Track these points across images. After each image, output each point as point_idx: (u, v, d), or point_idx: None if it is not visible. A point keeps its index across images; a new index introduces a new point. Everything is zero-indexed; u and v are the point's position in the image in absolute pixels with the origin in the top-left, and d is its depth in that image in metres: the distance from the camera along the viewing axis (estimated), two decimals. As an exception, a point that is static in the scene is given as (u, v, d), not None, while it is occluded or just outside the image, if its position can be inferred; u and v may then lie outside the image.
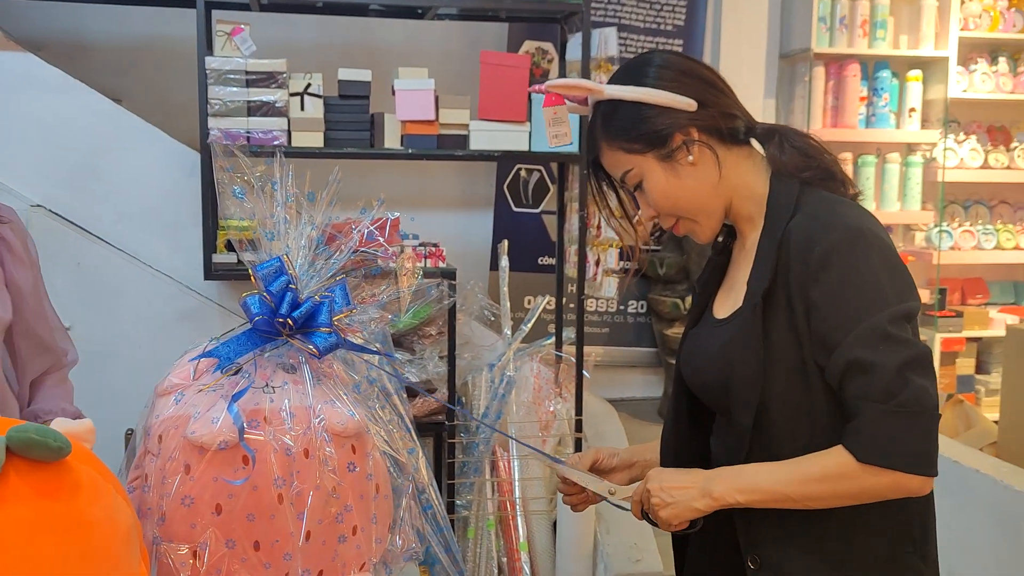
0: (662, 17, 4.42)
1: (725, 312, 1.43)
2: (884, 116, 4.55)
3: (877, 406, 1.18)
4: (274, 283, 1.27)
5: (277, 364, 1.28)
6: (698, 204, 1.38)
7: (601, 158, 1.43)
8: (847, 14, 4.44)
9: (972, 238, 4.80)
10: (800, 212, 1.32)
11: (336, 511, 1.23)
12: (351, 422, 1.25)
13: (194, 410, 1.21)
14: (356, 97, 2.98)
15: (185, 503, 1.17)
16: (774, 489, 1.24)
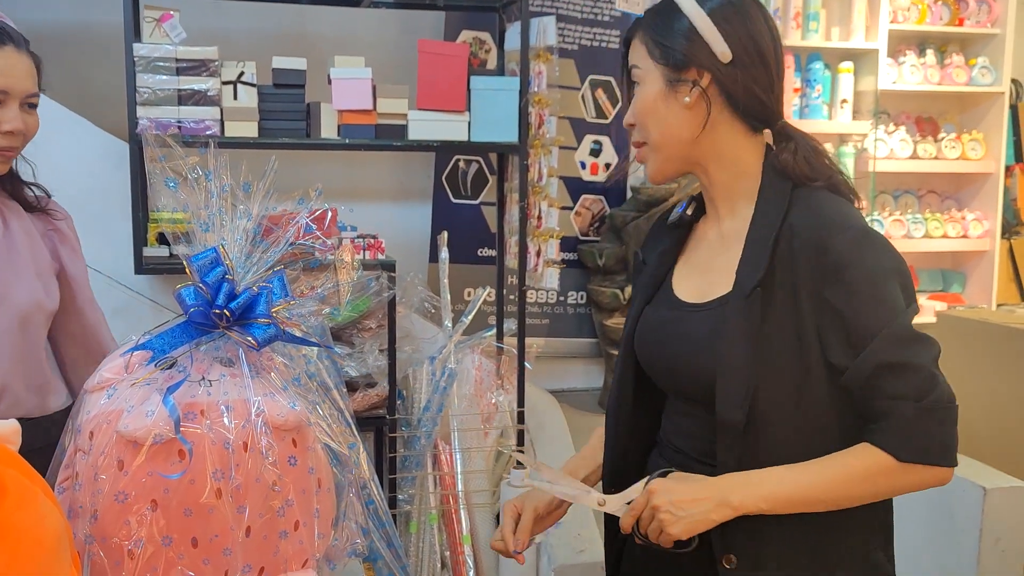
0: (599, 8, 4.42)
1: (696, 296, 1.40)
2: (817, 107, 4.62)
3: (913, 404, 1.21)
4: (210, 274, 1.24)
5: (214, 357, 1.24)
6: (665, 139, 1.36)
7: (632, 41, 1.42)
8: (780, 7, 4.50)
9: (902, 227, 4.91)
10: (798, 206, 1.31)
11: (277, 505, 1.20)
12: (291, 414, 1.22)
13: (127, 404, 1.18)
14: (291, 86, 2.92)
15: (119, 499, 1.13)
16: (806, 494, 1.23)
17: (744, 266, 1.31)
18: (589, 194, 4.56)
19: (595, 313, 4.50)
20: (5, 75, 1.55)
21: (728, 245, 1.38)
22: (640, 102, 1.37)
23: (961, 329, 3.56)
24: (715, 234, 1.43)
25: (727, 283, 1.34)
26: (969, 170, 4.95)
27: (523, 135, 3.01)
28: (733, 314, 1.29)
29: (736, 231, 1.37)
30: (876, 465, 1.22)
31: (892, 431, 1.22)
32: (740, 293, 1.29)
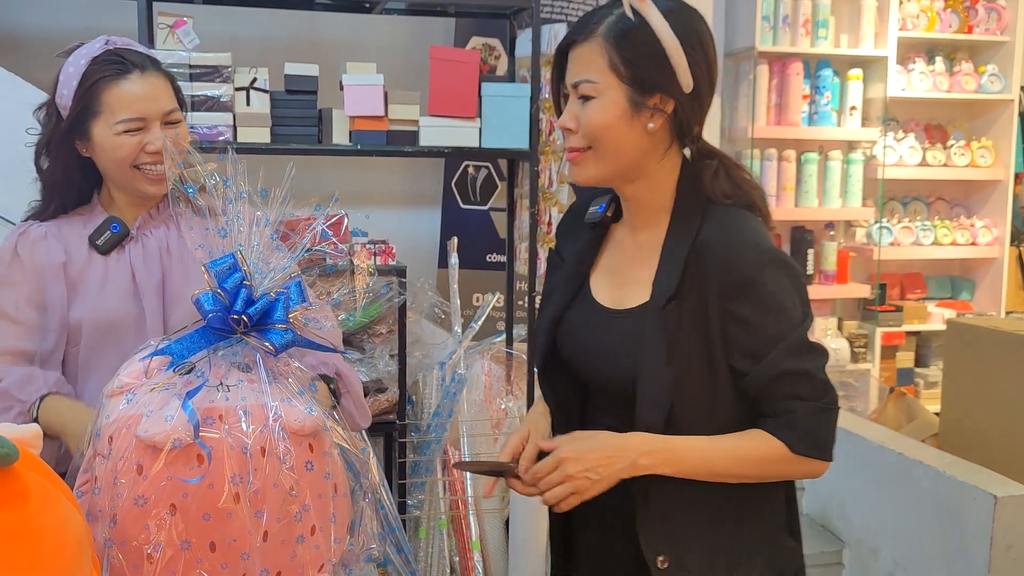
0: (608, 14, 4.43)
1: (615, 302, 1.46)
2: (826, 114, 4.62)
3: (810, 404, 1.34)
4: (228, 280, 1.25)
5: (231, 363, 1.25)
6: (616, 156, 1.38)
7: (577, 47, 1.36)
8: (790, 13, 4.50)
9: (911, 234, 4.90)
10: (711, 224, 1.38)
11: (295, 510, 1.21)
12: (308, 419, 1.23)
13: (146, 409, 1.18)
14: (303, 92, 2.93)
15: (138, 504, 1.14)
16: (708, 467, 1.35)
17: (660, 279, 1.39)
18: (598, 200, 4.55)
19: (603, 319, 4.50)
20: (136, 103, 1.58)
21: (645, 255, 1.44)
22: (599, 117, 1.35)
23: (970, 337, 3.56)
24: (632, 242, 1.48)
25: (644, 293, 1.41)
26: (978, 177, 4.95)
27: (534, 142, 3.02)
28: (652, 324, 1.37)
29: (652, 242, 1.43)
30: (773, 453, 1.34)
31: (790, 426, 1.34)
32: (656, 304, 1.37)
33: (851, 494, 3.38)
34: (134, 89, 1.58)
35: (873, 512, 3.26)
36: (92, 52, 1.62)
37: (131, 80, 1.59)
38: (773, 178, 4.58)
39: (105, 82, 1.58)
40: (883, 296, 4.87)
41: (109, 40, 1.64)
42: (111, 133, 1.57)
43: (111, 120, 1.57)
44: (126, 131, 1.57)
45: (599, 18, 1.35)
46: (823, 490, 3.54)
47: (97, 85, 1.58)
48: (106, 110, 1.58)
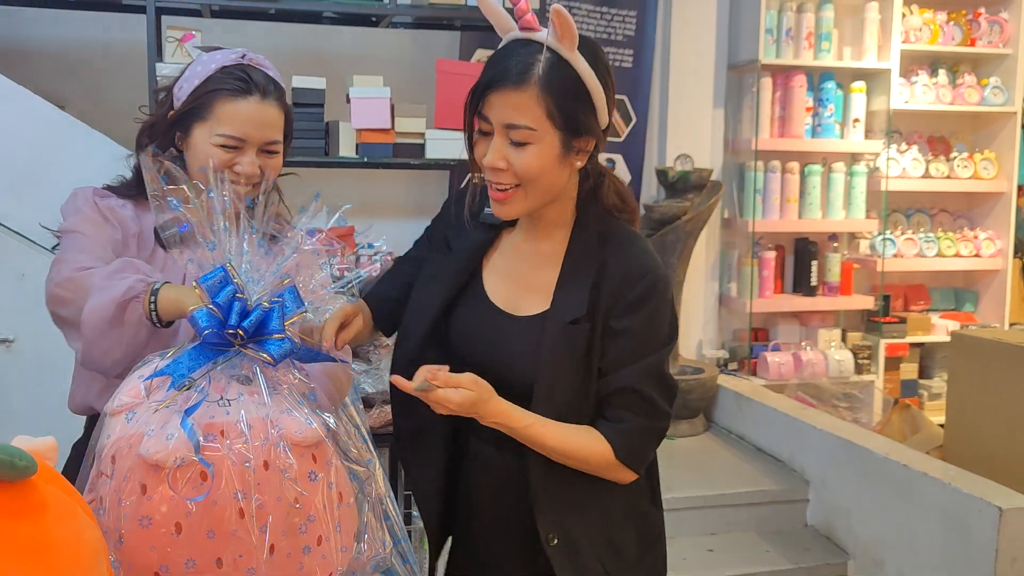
0: (613, 27, 4.46)
1: (511, 306, 1.51)
2: (829, 126, 4.64)
3: (643, 422, 1.45)
4: (220, 294, 1.23)
5: (231, 375, 1.23)
6: (546, 192, 1.44)
7: (509, 91, 1.37)
8: (793, 26, 4.52)
9: (914, 246, 4.91)
10: (612, 245, 1.48)
11: (299, 522, 1.20)
12: (310, 431, 1.22)
13: (147, 428, 1.16)
14: (310, 105, 2.95)
15: (143, 524, 1.13)
16: (543, 446, 1.43)
17: (564, 294, 1.47)
18: (602, 212, 4.57)
19: (608, 330, 4.50)
20: (242, 124, 1.58)
21: (544, 264, 1.51)
22: (536, 162, 1.39)
23: (974, 348, 3.57)
24: (530, 250, 1.54)
25: (542, 302, 1.49)
26: (981, 189, 4.96)
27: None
28: (555, 336, 1.45)
29: (553, 253, 1.51)
30: (598, 451, 1.44)
31: (621, 434, 1.45)
32: (560, 318, 1.46)
33: (856, 506, 3.38)
34: (247, 110, 1.59)
35: (878, 524, 3.26)
36: (225, 60, 1.63)
37: (248, 101, 1.59)
38: (777, 190, 4.59)
39: (223, 94, 1.59)
40: (887, 308, 4.88)
41: (247, 55, 1.66)
42: (208, 141, 1.58)
43: (213, 130, 1.58)
44: (223, 145, 1.58)
45: (528, 64, 1.36)
46: (828, 502, 3.55)
47: (215, 94, 1.59)
48: (212, 119, 1.59)
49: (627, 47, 4.50)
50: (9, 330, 2.87)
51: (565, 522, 1.48)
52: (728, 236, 4.74)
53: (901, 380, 4.90)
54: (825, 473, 3.58)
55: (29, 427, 1.54)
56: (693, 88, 4.57)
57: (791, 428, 3.80)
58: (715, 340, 4.77)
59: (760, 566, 3.31)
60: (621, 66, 4.50)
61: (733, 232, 4.70)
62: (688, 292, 4.50)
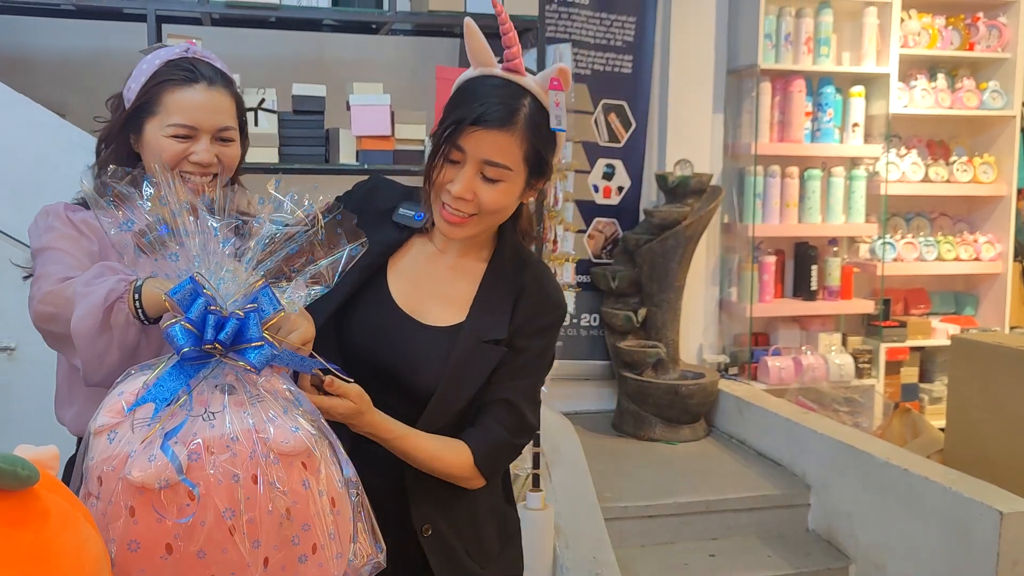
0: (612, 33, 4.47)
1: (417, 312, 1.54)
2: (828, 131, 4.64)
3: (507, 436, 1.53)
4: (192, 307, 1.18)
5: (214, 386, 1.18)
6: (495, 223, 1.53)
7: (497, 130, 1.42)
8: (792, 31, 4.53)
9: (914, 250, 4.92)
10: (528, 273, 1.56)
11: (292, 533, 1.17)
12: (296, 439, 1.18)
13: (130, 448, 1.12)
14: (310, 112, 2.96)
15: (132, 548, 1.09)
16: (415, 457, 1.49)
17: (482, 311, 1.53)
18: (602, 217, 4.59)
19: (608, 335, 4.52)
20: (192, 111, 1.58)
21: (460, 278, 1.56)
22: (503, 200, 1.46)
23: (974, 352, 3.57)
24: (447, 262, 1.58)
25: (456, 314, 1.54)
26: (981, 193, 4.97)
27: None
28: (468, 350, 1.50)
29: (470, 269, 1.57)
30: (459, 463, 1.51)
31: (486, 443, 1.52)
32: (475, 333, 1.51)
33: (857, 510, 3.38)
34: (195, 98, 1.59)
35: (879, 528, 3.26)
36: (170, 55, 1.63)
37: (195, 90, 1.60)
38: (776, 195, 4.60)
39: (170, 85, 1.59)
40: (887, 312, 4.88)
41: (190, 48, 1.66)
42: (160, 134, 1.58)
43: (164, 122, 1.58)
44: (174, 135, 1.57)
45: (515, 107, 1.42)
46: (829, 506, 3.55)
47: (162, 86, 1.59)
48: (162, 111, 1.58)
49: (626, 53, 4.51)
50: (11, 338, 2.88)
51: (436, 516, 1.55)
52: (728, 241, 4.74)
53: (902, 384, 4.90)
54: (826, 478, 3.58)
55: (31, 436, 1.53)
56: (692, 93, 4.58)
57: (792, 432, 3.80)
58: (716, 345, 4.77)
59: (761, 571, 3.32)
60: (620, 72, 4.52)
61: (733, 237, 4.71)
62: (688, 297, 4.50)
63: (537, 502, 2.96)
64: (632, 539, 3.45)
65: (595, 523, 3.16)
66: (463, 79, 1.50)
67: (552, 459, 3.38)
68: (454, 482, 1.54)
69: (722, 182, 4.63)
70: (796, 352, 4.66)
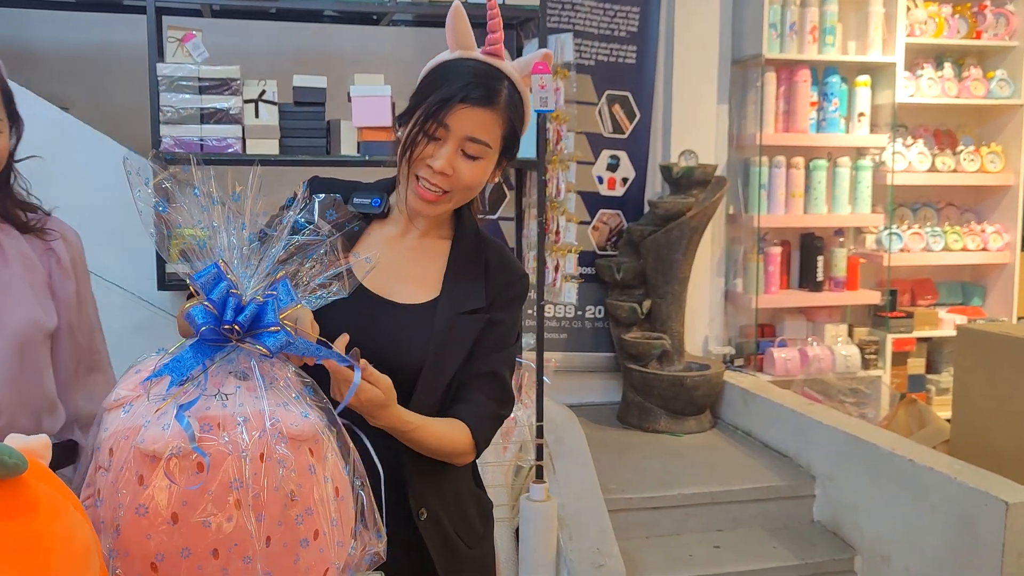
0: (616, 23, 4.45)
1: (388, 294, 1.57)
2: (834, 121, 4.62)
3: (494, 407, 1.59)
4: (214, 290, 1.24)
5: (228, 371, 1.24)
6: (464, 200, 1.57)
7: (481, 109, 1.47)
8: (797, 20, 4.51)
9: (921, 240, 4.89)
10: (490, 245, 1.63)
11: (295, 513, 1.20)
12: (306, 424, 1.22)
13: (144, 420, 1.18)
14: (311, 104, 2.95)
15: (139, 512, 1.13)
16: (427, 445, 1.52)
17: (455, 285, 1.58)
18: (607, 209, 4.58)
19: (613, 327, 4.51)
20: None
21: (424, 256, 1.61)
22: (479, 177, 1.52)
23: (981, 342, 3.55)
24: (410, 244, 1.62)
25: (429, 291, 1.58)
26: (988, 183, 4.94)
27: (541, 151, 3.03)
28: (448, 324, 1.55)
29: (431, 247, 1.61)
30: (460, 440, 1.55)
31: (479, 419, 1.57)
32: (452, 307, 1.56)
33: (862, 501, 3.37)
34: None
35: (884, 519, 3.25)
36: None
37: None
38: (782, 185, 4.58)
39: None
40: (893, 302, 4.86)
41: None
42: None
43: None
44: None
45: (496, 88, 1.49)
46: (835, 497, 3.53)
47: None
48: None
49: (630, 43, 4.49)
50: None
51: (430, 499, 1.59)
52: (733, 232, 4.73)
53: (908, 375, 4.88)
54: (831, 469, 3.56)
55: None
56: (697, 84, 4.56)
57: (797, 424, 3.79)
58: (721, 336, 4.76)
59: (767, 562, 3.31)
60: (624, 62, 4.50)
61: (738, 228, 4.69)
62: (693, 288, 4.49)
63: (540, 494, 2.95)
64: (637, 531, 3.44)
65: (599, 515, 3.16)
66: (439, 60, 1.55)
67: (556, 451, 3.37)
68: (449, 461, 1.58)
69: (727, 173, 4.61)
70: (802, 343, 4.64)
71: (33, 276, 1.60)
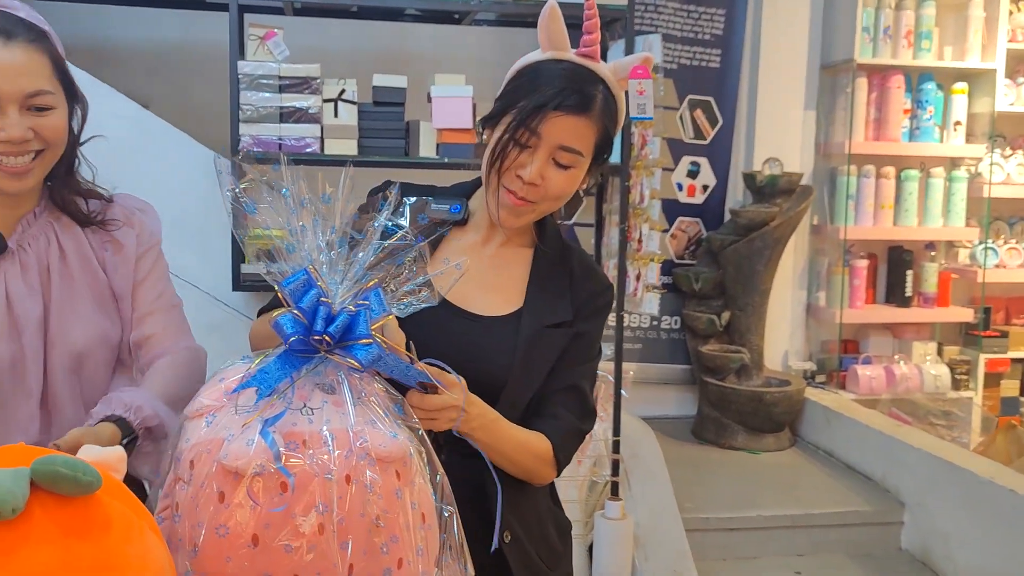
0: (700, 26, 4.33)
1: (469, 305, 1.48)
2: (928, 129, 4.42)
3: (576, 422, 1.50)
4: (304, 298, 1.17)
5: (315, 383, 1.18)
6: (552, 210, 1.49)
7: (577, 116, 1.38)
8: (891, 24, 4.33)
9: (1018, 256, 4.67)
10: (573, 254, 1.56)
11: (381, 541, 1.13)
12: (395, 445, 1.15)
13: (227, 432, 1.12)
14: (391, 104, 2.90)
15: (219, 533, 1.07)
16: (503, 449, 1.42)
17: (539, 296, 1.50)
18: (685, 216, 4.45)
19: (690, 339, 4.38)
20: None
21: (505, 265, 1.53)
22: (569, 187, 1.44)
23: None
24: (491, 252, 1.53)
25: (510, 302, 1.50)
26: (1092, 197, 4.69)
27: (625, 156, 2.93)
28: (532, 336, 1.47)
29: (513, 256, 1.53)
30: (542, 447, 1.47)
31: (560, 433, 1.48)
32: (537, 318, 1.48)
33: (956, 531, 3.20)
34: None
35: (980, 551, 3.08)
36: None
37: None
38: (870, 195, 4.40)
39: None
40: (987, 321, 4.64)
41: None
42: None
43: None
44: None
45: (591, 93, 1.40)
46: (925, 525, 3.36)
47: None
48: None
49: (714, 47, 4.36)
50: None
51: (512, 520, 1.51)
52: (817, 243, 4.56)
53: (1001, 397, 4.66)
54: (922, 495, 3.39)
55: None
56: (783, 89, 4.41)
57: (885, 446, 3.62)
58: (802, 351, 4.59)
59: (851, 592, 3.16)
60: (708, 66, 4.37)
61: (823, 239, 4.52)
62: (774, 301, 4.34)
63: (616, 512, 2.84)
64: (713, 552, 3.31)
65: (676, 535, 3.04)
66: (530, 61, 1.45)
67: (631, 466, 3.27)
68: (527, 477, 1.50)
69: (813, 182, 4.45)
70: (888, 361, 4.45)
71: (97, 284, 1.50)
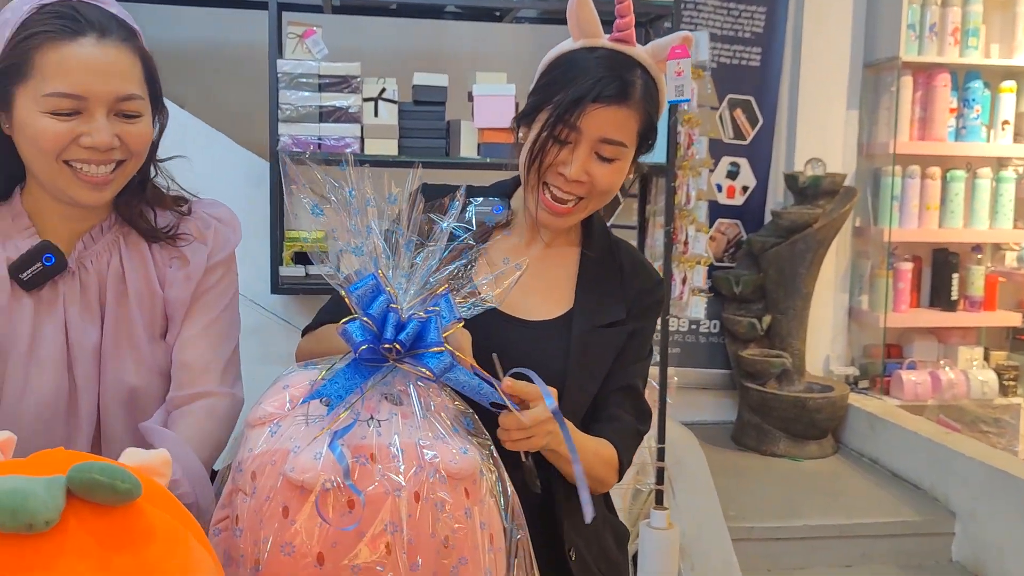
0: (740, 24, 4.24)
1: (520, 310, 1.42)
2: (975, 129, 4.32)
3: (634, 424, 1.47)
4: (373, 305, 1.11)
5: (383, 394, 1.12)
6: (599, 206, 1.43)
7: (617, 107, 1.31)
8: (937, 21, 4.23)
9: (1067, 259, 4.54)
10: (621, 249, 1.51)
11: (450, 564, 1.06)
12: (465, 461, 1.09)
13: (292, 444, 1.06)
14: (432, 103, 2.84)
15: (284, 551, 1.02)
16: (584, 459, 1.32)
17: (589, 296, 1.44)
18: (725, 218, 4.36)
19: (730, 343, 4.29)
20: (78, 74, 1.18)
21: (552, 265, 1.47)
22: (616, 179, 1.37)
23: None
24: (532, 253, 1.46)
25: (560, 304, 1.45)
26: None
27: (671, 155, 2.85)
28: (585, 338, 1.41)
29: (560, 255, 1.48)
30: (610, 454, 1.42)
31: (620, 434, 1.44)
32: (588, 319, 1.42)
33: (1011, 542, 3.10)
34: (81, 56, 1.18)
35: (1041, 566, 2.98)
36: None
37: (81, 44, 1.19)
38: (915, 196, 4.30)
39: (45, 38, 1.18)
40: (1035, 325, 4.53)
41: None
42: (36, 109, 1.18)
43: (40, 90, 1.18)
44: (54, 111, 1.18)
45: (630, 81, 1.33)
46: (977, 536, 3.26)
47: (33, 40, 1.18)
48: (36, 75, 1.18)
49: (755, 45, 4.28)
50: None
51: (575, 536, 1.46)
52: (861, 245, 4.46)
53: (1051, 405, 4.54)
54: (974, 505, 3.29)
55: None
56: (826, 88, 4.32)
57: (934, 454, 3.52)
58: (844, 356, 4.49)
59: (903, 604, 3.06)
60: (748, 65, 4.28)
61: (866, 241, 4.42)
62: (816, 304, 4.24)
63: (662, 521, 2.76)
64: (759, 562, 3.23)
65: (723, 545, 2.96)
66: (562, 51, 1.38)
67: (675, 474, 3.19)
68: (597, 486, 1.43)
69: (856, 183, 4.35)
70: (933, 366, 4.34)
71: (154, 308, 1.38)
